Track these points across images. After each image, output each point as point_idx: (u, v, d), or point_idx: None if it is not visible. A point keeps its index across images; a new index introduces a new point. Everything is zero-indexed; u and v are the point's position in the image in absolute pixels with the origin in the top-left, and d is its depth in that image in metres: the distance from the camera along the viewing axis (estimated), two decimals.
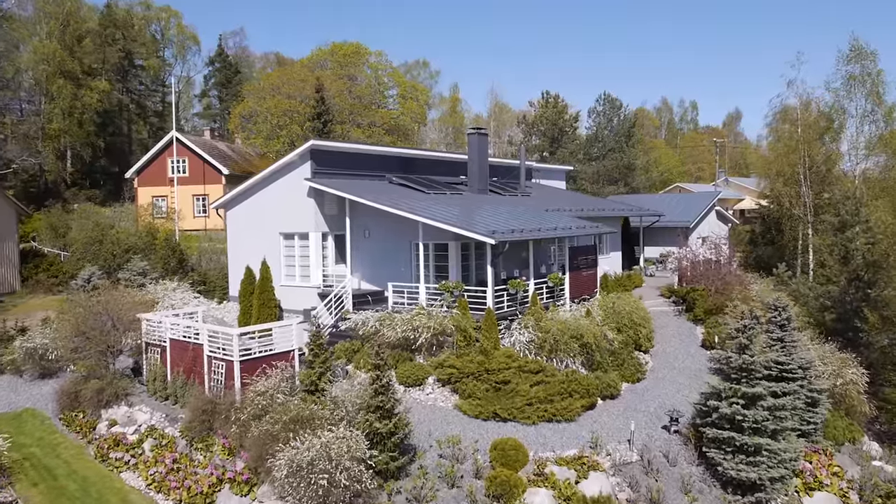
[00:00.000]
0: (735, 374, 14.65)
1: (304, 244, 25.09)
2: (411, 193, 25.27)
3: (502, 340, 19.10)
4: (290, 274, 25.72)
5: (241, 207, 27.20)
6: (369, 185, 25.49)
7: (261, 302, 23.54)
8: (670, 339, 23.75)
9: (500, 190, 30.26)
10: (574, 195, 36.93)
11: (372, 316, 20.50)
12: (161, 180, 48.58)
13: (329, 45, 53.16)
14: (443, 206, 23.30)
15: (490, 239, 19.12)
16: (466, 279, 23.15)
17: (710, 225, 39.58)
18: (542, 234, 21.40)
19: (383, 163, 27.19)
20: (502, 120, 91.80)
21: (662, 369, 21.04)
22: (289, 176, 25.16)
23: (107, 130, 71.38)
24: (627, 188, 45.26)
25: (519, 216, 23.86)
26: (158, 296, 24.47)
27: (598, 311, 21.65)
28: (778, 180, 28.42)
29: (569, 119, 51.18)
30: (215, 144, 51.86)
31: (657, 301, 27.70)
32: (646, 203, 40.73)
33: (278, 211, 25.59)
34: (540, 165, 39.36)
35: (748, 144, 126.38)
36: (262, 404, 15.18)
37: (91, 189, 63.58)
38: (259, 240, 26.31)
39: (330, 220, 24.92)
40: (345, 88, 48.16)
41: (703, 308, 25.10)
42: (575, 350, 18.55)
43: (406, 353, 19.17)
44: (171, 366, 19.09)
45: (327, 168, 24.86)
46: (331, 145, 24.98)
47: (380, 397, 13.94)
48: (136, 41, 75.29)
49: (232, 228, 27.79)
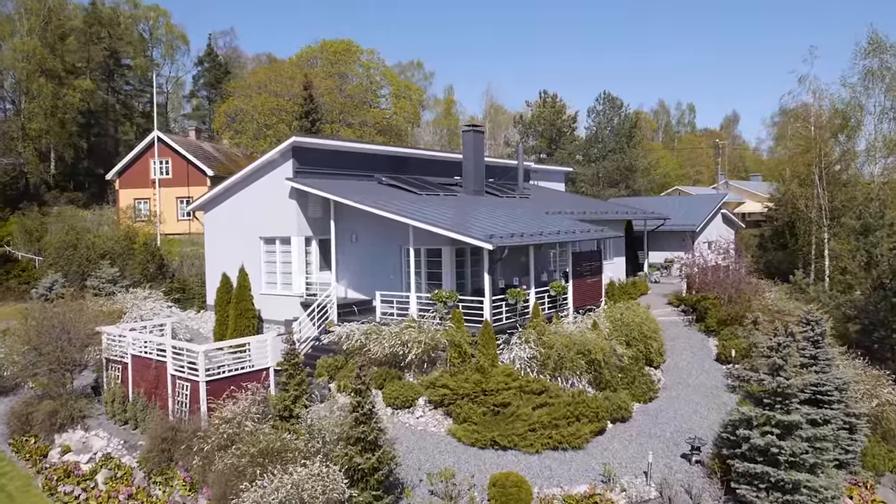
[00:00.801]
0: (768, 399, 12.82)
1: (285, 249, 23.20)
2: (402, 195, 23.43)
3: (501, 356, 17.25)
4: (271, 281, 23.82)
5: (220, 210, 25.30)
6: (357, 185, 23.64)
7: (238, 312, 21.63)
8: (682, 352, 21.94)
9: (496, 192, 28.44)
10: (574, 197, 35.16)
11: (357, 328, 18.62)
12: (143, 182, 46.59)
13: (319, 42, 51.36)
14: (436, 208, 21.47)
15: (487, 244, 17.28)
16: (461, 287, 21.31)
17: (716, 229, 37.87)
18: (543, 238, 19.57)
19: (372, 162, 25.35)
20: (498, 122, 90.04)
21: (676, 387, 19.21)
22: (269, 175, 23.28)
23: (91, 131, 69.35)
24: (629, 191, 43.53)
25: (518, 219, 22.04)
26: (127, 305, 22.51)
27: (606, 322, 19.82)
28: (792, 181, 26.67)
29: (567, 119, 49.44)
30: (200, 145, 49.91)
31: (665, 310, 25.89)
32: (648, 206, 38.98)
33: (258, 213, 23.71)
34: (538, 167, 37.57)
35: (746, 147, 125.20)
36: (228, 433, 13.28)
37: (74, 192, 61.54)
38: (238, 244, 24.42)
39: (314, 223, 23.05)
40: (335, 87, 46.33)
41: (716, 318, 23.30)
42: (582, 367, 16.70)
43: (394, 371, 17.30)
44: (133, 385, 17.16)
45: (311, 167, 23.00)
46: (315, 142, 23.12)
47: (361, 427, 12.05)
48: (122, 40, 73.30)
49: (210, 232, 25.88)
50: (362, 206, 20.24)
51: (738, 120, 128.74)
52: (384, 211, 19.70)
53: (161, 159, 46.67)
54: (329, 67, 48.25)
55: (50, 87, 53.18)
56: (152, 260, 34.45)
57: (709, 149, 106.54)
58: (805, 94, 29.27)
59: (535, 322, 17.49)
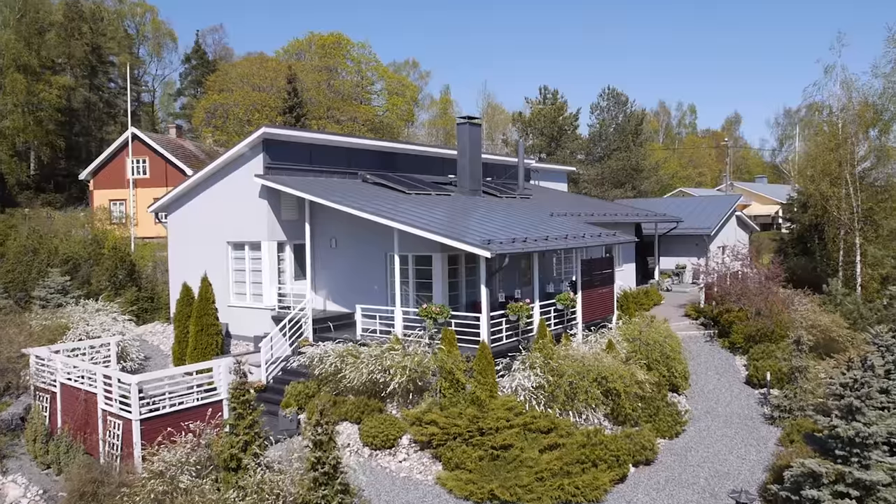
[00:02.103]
0: (841, 450, 10.10)
1: (255, 256, 20.46)
2: (388, 194, 20.72)
3: (501, 384, 14.55)
4: (240, 292, 21.07)
5: (184, 211, 22.57)
6: (338, 183, 20.94)
7: (198, 328, 18.87)
8: (706, 373, 19.25)
9: (495, 191, 25.75)
10: (579, 198, 32.49)
11: (333, 349, 15.86)
12: (119, 182, 43.77)
13: (307, 34, 48.72)
14: (426, 210, 18.77)
15: (485, 251, 14.58)
16: (455, 300, 18.60)
17: (731, 232, 35.24)
18: (549, 244, 16.86)
19: (357, 158, 22.63)
20: (496, 121, 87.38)
21: (705, 417, 16.50)
22: (237, 172, 20.55)
23: (72, 130, 66.54)
24: (635, 192, 40.90)
25: (519, 221, 19.34)
26: (74, 319, 19.76)
27: (622, 341, 17.12)
28: (822, 181, 23.99)
29: (569, 117, 46.79)
30: (181, 143, 47.13)
31: (682, 323, 23.20)
32: (658, 208, 36.31)
33: (225, 215, 20.97)
34: (539, 165, 34.92)
35: (749, 148, 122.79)
36: (158, 491, 10.53)
37: (55, 193, 58.69)
38: (204, 250, 21.69)
39: (288, 226, 20.32)
40: (323, 81, 43.60)
41: (743, 334, 20.61)
42: (597, 399, 13.99)
43: (374, 402, 14.56)
44: (62, 419, 14.40)
45: (285, 162, 20.28)
46: (289, 134, 20.40)
47: (322, 491, 9.32)
48: (105, 35, 70.41)
49: (174, 236, 23.14)
50: (339, 206, 17.53)
51: (740, 121, 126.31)
52: (364, 212, 16.99)
53: (137, 158, 43.94)
54: (317, 61, 45.53)
55: (23, 82, 50.32)
56: (121, 265, 31.73)
57: (710, 150, 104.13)
58: (833, 85, 26.61)
59: (542, 343, 14.77)
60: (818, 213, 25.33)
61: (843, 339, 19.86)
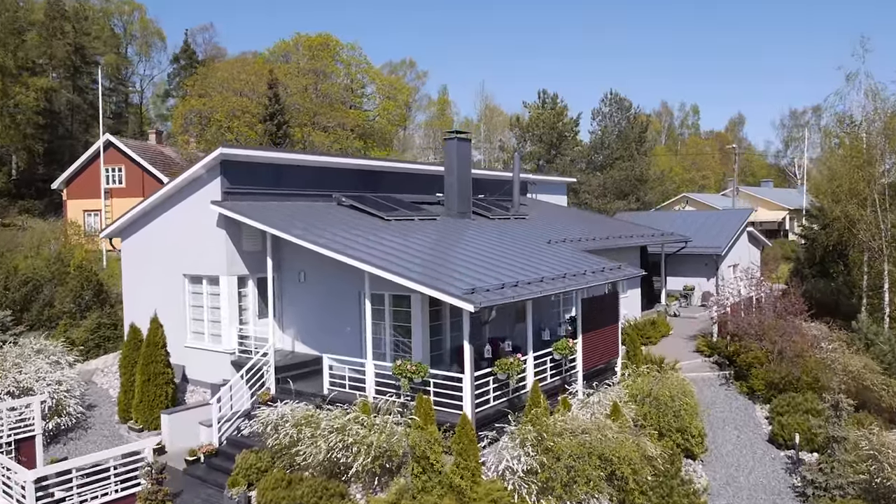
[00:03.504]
0: None
1: (214, 291, 18.12)
2: (364, 221, 18.41)
3: (486, 461, 12.24)
4: (198, 331, 18.74)
5: (139, 237, 20.21)
6: (307, 209, 18.60)
7: (145, 377, 16.55)
8: (724, 428, 16.94)
9: (486, 211, 23.41)
10: (579, 215, 30.13)
11: (291, 413, 13.52)
12: (94, 192, 41.39)
13: (293, 35, 46.35)
14: (405, 242, 16.45)
15: (468, 304, 12.25)
16: (438, 346, 16.29)
17: (742, 249, 32.92)
18: (545, 287, 14.51)
19: (331, 177, 20.29)
20: (494, 124, 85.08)
21: (724, 490, 14.20)
22: (194, 197, 18.20)
23: (55, 133, 64.18)
24: (639, 203, 38.57)
25: (512, 255, 16.99)
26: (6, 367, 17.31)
27: (628, 400, 14.80)
28: (849, 202, 21.64)
29: (569, 123, 44.42)
30: (161, 150, 44.78)
31: (694, 361, 20.91)
32: (663, 223, 33.98)
33: (182, 244, 18.63)
34: (537, 177, 32.58)
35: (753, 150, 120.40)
36: None
37: (32, 200, 56.33)
38: (160, 281, 19.37)
39: (250, 257, 17.99)
40: (310, 84, 41.22)
41: (764, 380, 18.32)
42: (601, 486, 11.66)
43: (335, 485, 12.23)
44: None
45: (246, 185, 17.93)
46: (251, 154, 18.05)
47: None
48: (89, 35, 67.97)
49: (128, 264, 20.80)
50: (302, 241, 15.20)
51: (744, 122, 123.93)
52: (329, 250, 14.67)
53: (113, 167, 41.61)
54: (304, 63, 43.15)
55: None
56: (87, 286, 29.45)
57: (714, 152, 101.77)
58: (856, 94, 24.27)
59: (534, 414, 12.41)
60: (841, 235, 22.98)
61: (878, 388, 17.57)
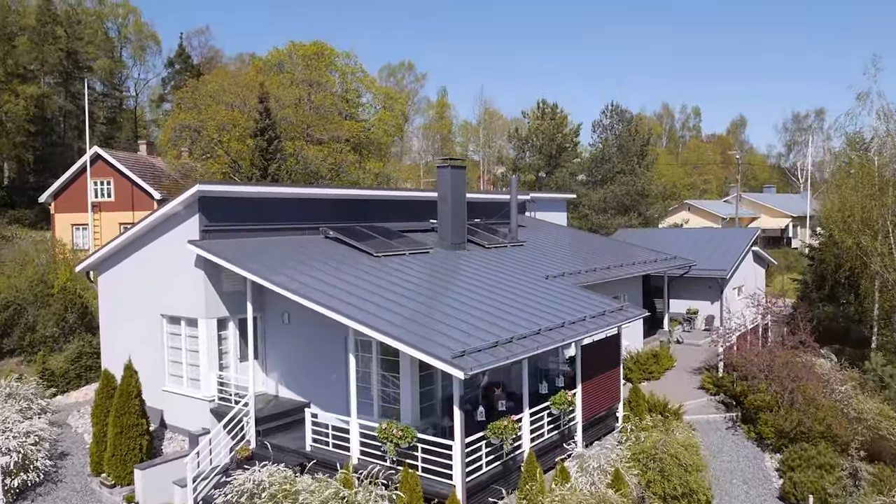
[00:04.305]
0: None
1: (193, 333, 17.15)
2: (352, 257, 17.47)
3: None
4: (177, 374, 17.78)
5: (117, 272, 19.22)
6: (292, 244, 17.65)
7: (118, 430, 15.56)
8: (731, 481, 16.02)
9: (482, 238, 22.44)
10: (578, 238, 29.12)
11: (268, 480, 12.58)
12: (82, 205, 40.41)
13: (287, 44, 45.31)
14: (393, 286, 15.50)
15: (458, 371, 11.30)
16: (429, 396, 15.34)
17: (747, 269, 31.93)
18: (541, 342, 13.53)
19: (318, 208, 19.32)
20: (493, 128, 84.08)
21: None
22: (172, 233, 17.22)
23: (47, 140, 63.19)
24: (641, 218, 37.56)
25: (506, 300, 16.02)
26: None
27: (630, 459, 13.85)
28: (861, 233, 20.62)
29: (569, 133, 43.42)
30: (152, 162, 43.78)
31: (699, 401, 19.97)
32: (665, 241, 32.98)
33: (159, 283, 17.65)
34: (536, 195, 31.62)
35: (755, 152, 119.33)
36: None
37: (23, 209, 55.32)
38: (138, 320, 18.41)
39: (231, 298, 17.01)
40: (303, 95, 40.19)
41: (774, 426, 17.38)
42: None
43: None
44: None
45: (226, 222, 16.96)
46: (231, 190, 17.08)
47: None
48: (81, 39, 66.88)
49: (105, 300, 19.81)
50: (283, 290, 14.24)
51: (746, 124, 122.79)
52: (311, 301, 13.71)
53: (101, 179, 40.67)
54: (297, 74, 42.11)
55: None
56: (71, 308, 28.57)
57: (716, 155, 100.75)
58: (867, 116, 23.28)
59: (529, 489, 11.45)
60: (853, 265, 22.00)
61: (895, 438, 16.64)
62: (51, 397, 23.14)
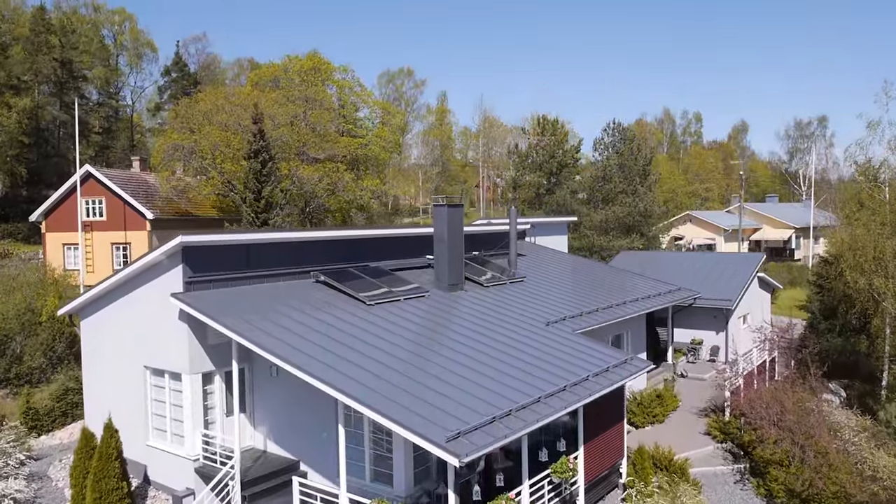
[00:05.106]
0: None
1: (178, 387, 16.39)
2: (343, 305, 16.71)
3: None
4: (161, 428, 17.00)
5: (100, 318, 18.44)
6: (282, 292, 16.90)
7: (97, 495, 14.81)
8: None
9: (480, 276, 21.67)
10: (580, 268, 28.30)
11: None
12: (73, 225, 39.68)
13: (283, 58, 44.56)
14: (383, 342, 14.75)
15: (453, 457, 10.55)
16: (424, 460, 14.57)
17: (753, 296, 31.18)
18: (541, 413, 12.73)
19: (308, 251, 18.55)
20: (493, 137, 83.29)
21: None
22: (156, 283, 16.44)
23: (41, 151, 62.45)
24: (643, 240, 36.79)
25: (505, 358, 15.25)
26: None
27: None
28: (875, 275, 19.83)
29: (570, 150, 42.64)
30: (145, 179, 42.99)
31: (706, 450, 19.24)
32: (669, 266, 32.28)
33: (143, 334, 16.89)
34: (537, 220, 30.88)
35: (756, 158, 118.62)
36: None
37: (16, 223, 54.56)
38: (121, 369, 17.64)
39: (217, 351, 16.24)
40: (300, 113, 39.44)
41: (784, 484, 16.63)
42: None
43: None
44: None
45: (212, 272, 16.20)
46: (216, 239, 16.29)
47: None
48: (76, 49, 66.02)
49: (88, 348, 19.04)
50: (267, 354, 13.48)
51: (747, 129, 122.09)
52: (292, 365, 12.96)
53: (93, 198, 39.91)
54: (293, 90, 41.34)
55: None
56: (60, 338, 27.85)
57: (717, 162, 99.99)
58: (878, 146, 22.51)
59: None
60: (865, 306, 21.24)
61: None
62: (35, 437, 22.50)
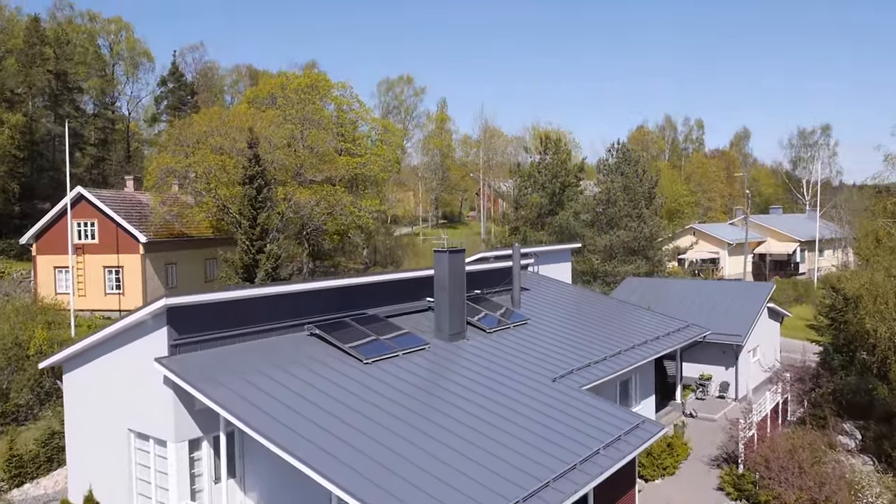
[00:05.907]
0: None
1: (163, 454, 15.49)
2: (338, 363, 15.82)
3: None
4: (146, 494, 16.09)
5: (83, 373, 17.52)
6: (274, 348, 16.03)
7: None
8: None
9: (483, 321, 20.77)
10: (586, 304, 27.38)
11: None
12: (65, 247, 38.77)
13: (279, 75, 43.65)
14: (378, 410, 13.85)
15: None
16: None
17: (761, 328, 30.29)
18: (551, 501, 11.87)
19: (302, 302, 17.65)
20: (493, 147, 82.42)
21: None
22: (140, 343, 15.53)
23: (35, 165, 61.54)
24: (649, 264, 35.90)
25: (508, 423, 14.36)
26: None
27: None
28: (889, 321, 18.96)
29: (573, 168, 41.76)
30: (139, 199, 42.10)
31: None
32: (676, 296, 31.42)
33: (127, 395, 15.98)
34: (539, 249, 29.99)
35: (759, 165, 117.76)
36: None
37: (8, 240, 53.55)
38: (105, 430, 16.72)
39: (204, 416, 15.31)
40: (296, 132, 38.57)
41: None
42: None
43: None
44: None
45: (199, 332, 15.30)
46: (202, 300, 15.37)
47: None
48: (71, 60, 65.09)
49: (71, 404, 18.13)
50: (255, 433, 12.58)
51: (749, 136, 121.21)
52: (278, 446, 12.05)
53: (85, 221, 39.02)
54: (290, 108, 40.47)
55: None
56: (48, 373, 26.97)
57: (719, 171, 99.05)
58: None
59: None
60: (885, 354, 20.36)
61: None
62: (17, 487, 21.64)
